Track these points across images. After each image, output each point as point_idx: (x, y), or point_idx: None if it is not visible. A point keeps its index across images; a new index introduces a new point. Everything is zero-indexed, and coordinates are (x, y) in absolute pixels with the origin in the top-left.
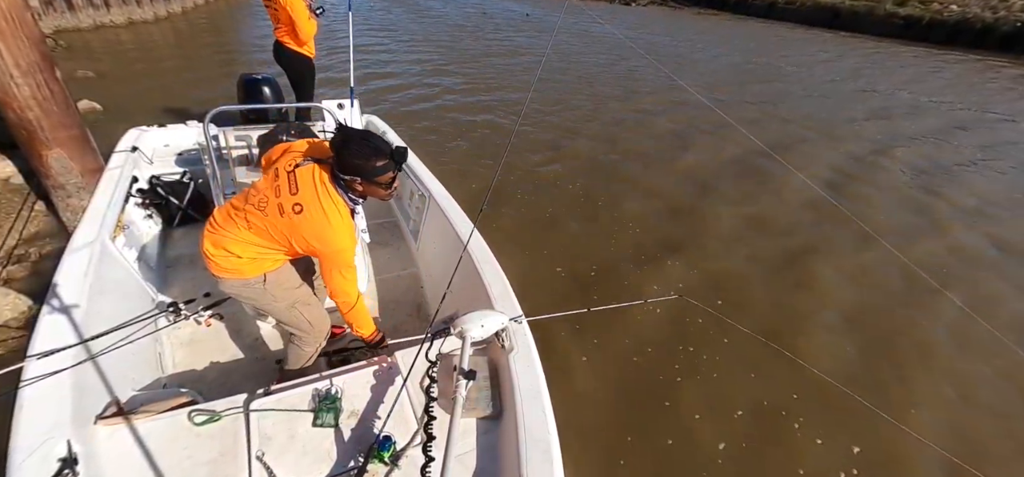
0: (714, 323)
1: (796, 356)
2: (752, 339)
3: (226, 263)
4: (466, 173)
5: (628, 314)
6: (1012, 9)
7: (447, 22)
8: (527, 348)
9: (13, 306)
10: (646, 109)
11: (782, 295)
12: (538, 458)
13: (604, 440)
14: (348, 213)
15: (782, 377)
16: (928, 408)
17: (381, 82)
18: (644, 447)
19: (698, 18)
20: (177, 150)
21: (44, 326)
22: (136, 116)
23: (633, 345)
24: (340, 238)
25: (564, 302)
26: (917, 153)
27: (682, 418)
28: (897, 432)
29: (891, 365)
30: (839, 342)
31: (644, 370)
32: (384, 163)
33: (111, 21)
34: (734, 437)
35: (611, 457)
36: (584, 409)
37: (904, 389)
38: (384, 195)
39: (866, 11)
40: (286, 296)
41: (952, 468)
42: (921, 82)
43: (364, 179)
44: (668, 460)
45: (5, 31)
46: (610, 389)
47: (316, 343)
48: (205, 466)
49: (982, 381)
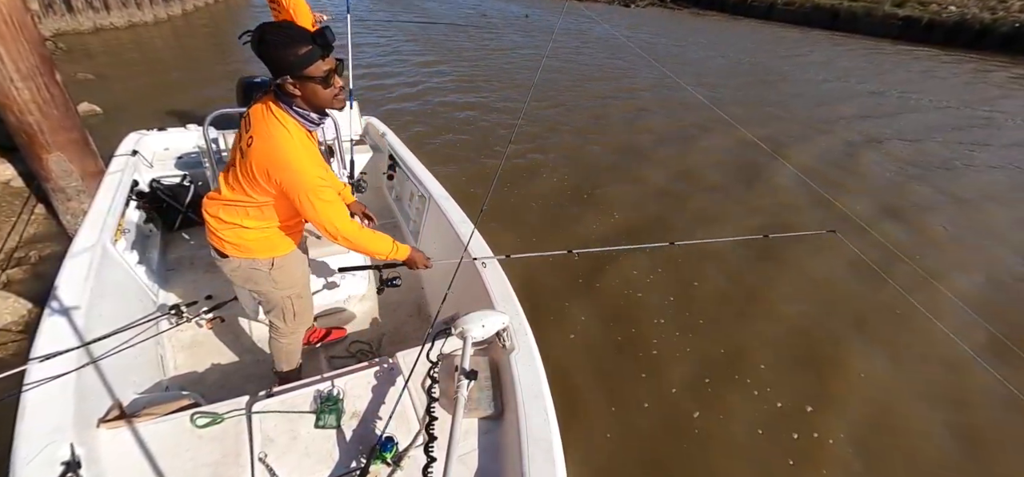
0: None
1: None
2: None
3: (232, 237)
4: (466, 173)
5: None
6: (1011, 10)
7: (446, 22)
8: (528, 348)
9: (14, 310)
10: (644, 108)
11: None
12: (540, 458)
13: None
14: (301, 132)
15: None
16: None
17: (380, 84)
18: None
19: (696, 18)
20: (177, 153)
21: (46, 329)
22: (136, 119)
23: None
24: (293, 156)
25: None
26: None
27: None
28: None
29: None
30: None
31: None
32: (307, 49)
33: (111, 23)
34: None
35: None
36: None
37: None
38: (328, 97)
39: (865, 12)
40: (291, 287)
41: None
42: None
43: (294, 77)
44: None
45: (5, 34)
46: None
47: (292, 336)
48: (207, 468)
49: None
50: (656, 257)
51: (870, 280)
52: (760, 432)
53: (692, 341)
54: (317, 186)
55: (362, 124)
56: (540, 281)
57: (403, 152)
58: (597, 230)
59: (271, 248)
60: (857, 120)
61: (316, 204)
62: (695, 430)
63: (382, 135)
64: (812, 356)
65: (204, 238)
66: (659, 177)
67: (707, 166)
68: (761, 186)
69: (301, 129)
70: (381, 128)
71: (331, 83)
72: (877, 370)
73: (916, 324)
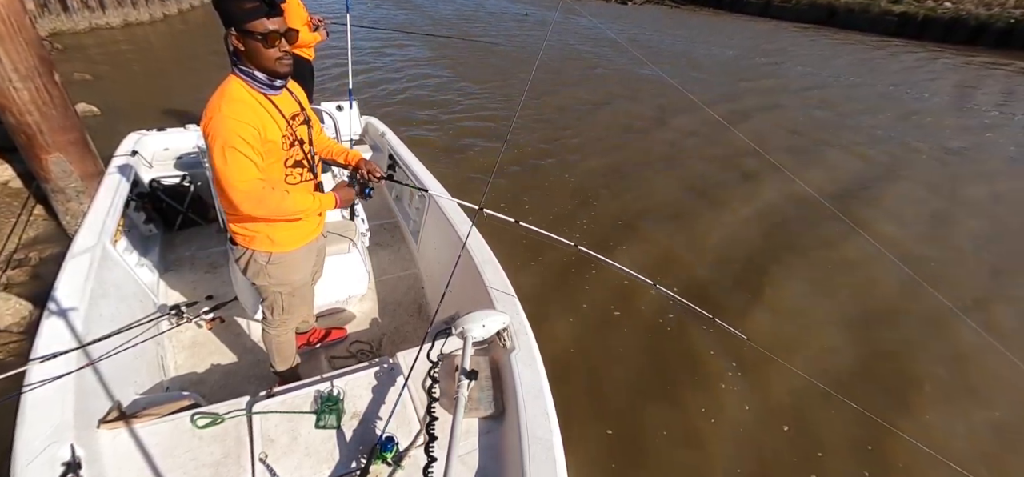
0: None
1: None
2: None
3: (236, 225)
4: (466, 174)
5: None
6: (1006, 6)
7: (443, 24)
8: (528, 347)
9: (14, 311)
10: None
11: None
12: (541, 457)
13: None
14: (243, 90)
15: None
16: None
17: (380, 84)
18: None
19: (693, 15)
20: (177, 153)
21: (46, 330)
22: (134, 119)
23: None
24: (213, 102)
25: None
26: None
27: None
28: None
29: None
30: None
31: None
32: (252, 5)
33: (107, 23)
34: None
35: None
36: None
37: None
38: (270, 59)
39: (861, 9)
40: (284, 284)
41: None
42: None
43: (238, 30)
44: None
45: (4, 35)
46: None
47: (280, 329)
48: (208, 468)
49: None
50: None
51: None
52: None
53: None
54: (228, 137)
55: (362, 124)
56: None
57: (403, 151)
58: (598, 227)
59: (270, 242)
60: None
61: (227, 156)
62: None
63: (382, 135)
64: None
65: (204, 238)
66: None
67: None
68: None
69: (244, 88)
70: (381, 128)
71: (273, 45)
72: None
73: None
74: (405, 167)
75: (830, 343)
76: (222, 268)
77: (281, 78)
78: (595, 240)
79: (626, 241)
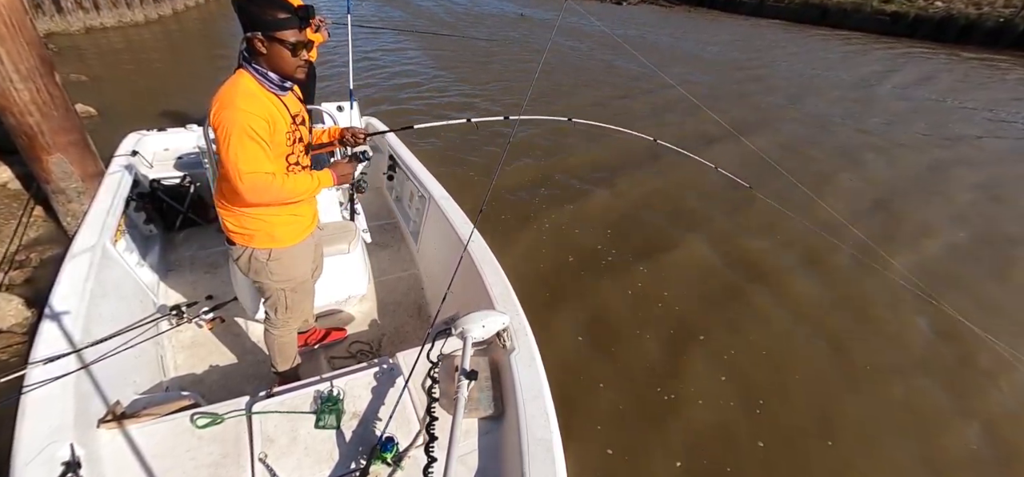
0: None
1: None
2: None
3: (233, 223)
4: (465, 174)
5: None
6: (995, 5)
7: (442, 23)
8: (528, 348)
9: (16, 311)
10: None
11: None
12: (540, 458)
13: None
14: (254, 85)
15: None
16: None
17: (380, 84)
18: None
19: (688, 17)
20: (177, 154)
21: (46, 331)
22: (131, 120)
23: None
24: (225, 93)
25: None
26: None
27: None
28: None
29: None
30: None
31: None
32: (286, 16)
33: (101, 24)
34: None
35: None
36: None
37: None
38: (292, 65)
39: (853, 8)
40: (287, 280)
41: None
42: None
43: (265, 35)
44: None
45: (5, 36)
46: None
47: (283, 329)
48: (207, 468)
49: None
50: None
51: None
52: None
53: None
54: (243, 126)
55: (362, 124)
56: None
57: (403, 152)
58: (598, 227)
59: (270, 239)
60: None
61: (241, 142)
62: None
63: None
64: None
65: (204, 238)
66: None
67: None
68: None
69: (257, 85)
70: (381, 127)
71: (299, 54)
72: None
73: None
74: (405, 168)
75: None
76: (222, 268)
77: (295, 82)
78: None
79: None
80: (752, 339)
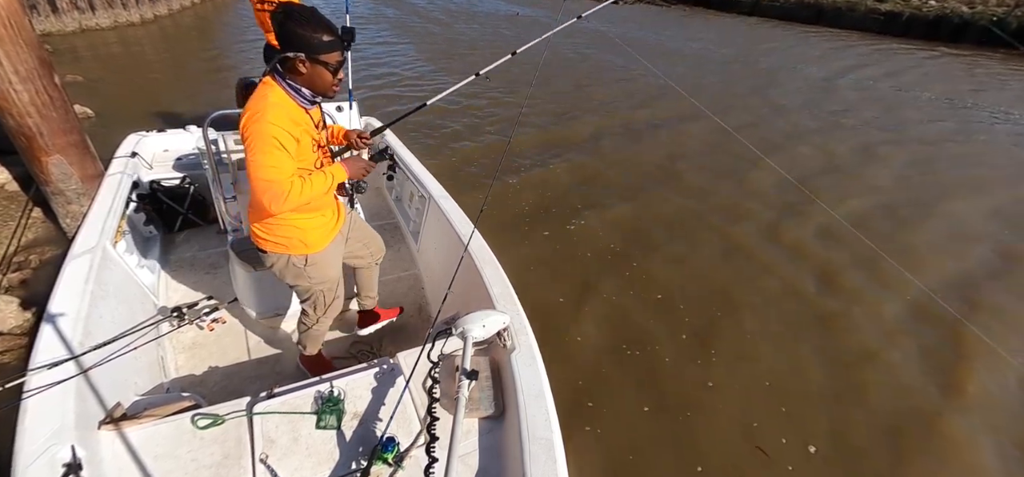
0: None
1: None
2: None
3: (264, 232)
4: (466, 174)
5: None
6: (989, 4)
7: (440, 22)
8: (529, 347)
9: (16, 314)
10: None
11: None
12: (541, 457)
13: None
14: (286, 100)
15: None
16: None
17: (380, 84)
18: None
19: (686, 16)
20: (177, 155)
21: (46, 333)
22: (128, 121)
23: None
24: (256, 105)
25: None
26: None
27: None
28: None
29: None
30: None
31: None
32: (331, 39)
33: (96, 24)
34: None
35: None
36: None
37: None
38: (330, 84)
39: (848, 7)
40: (324, 281)
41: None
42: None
43: (309, 56)
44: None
45: (4, 36)
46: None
47: (320, 324)
48: (208, 469)
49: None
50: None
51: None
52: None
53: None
54: (269, 136)
55: (362, 124)
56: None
57: (403, 152)
58: (597, 227)
59: (304, 245)
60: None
61: (269, 150)
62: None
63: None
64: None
65: (204, 239)
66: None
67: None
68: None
69: (288, 99)
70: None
71: (337, 74)
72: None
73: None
74: (405, 167)
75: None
76: (222, 269)
77: (327, 98)
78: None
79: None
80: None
